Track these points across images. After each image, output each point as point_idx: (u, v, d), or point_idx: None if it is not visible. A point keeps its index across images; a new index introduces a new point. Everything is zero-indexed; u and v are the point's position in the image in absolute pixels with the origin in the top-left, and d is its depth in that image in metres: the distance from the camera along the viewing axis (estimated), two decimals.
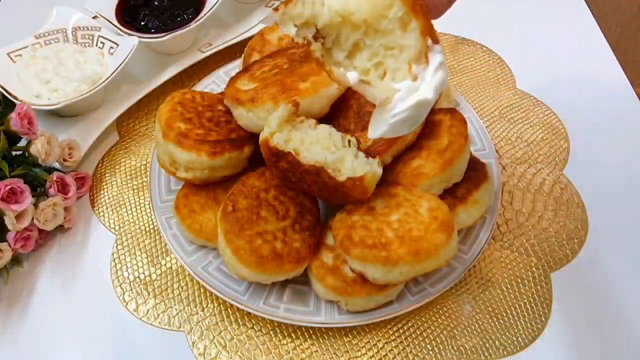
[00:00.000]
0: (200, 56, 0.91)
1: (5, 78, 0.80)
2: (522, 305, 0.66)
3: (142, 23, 0.90)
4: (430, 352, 0.63)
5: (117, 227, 0.75)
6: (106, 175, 0.82)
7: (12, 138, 0.72)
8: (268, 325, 0.66)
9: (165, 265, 0.71)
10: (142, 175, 0.81)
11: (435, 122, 0.68)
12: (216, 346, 0.64)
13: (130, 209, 0.77)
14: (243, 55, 0.83)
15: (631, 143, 0.83)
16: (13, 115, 0.70)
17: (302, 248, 0.60)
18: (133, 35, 0.86)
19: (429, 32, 0.41)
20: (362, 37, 0.43)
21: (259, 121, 0.63)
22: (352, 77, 0.44)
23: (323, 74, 0.48)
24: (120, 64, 0.82)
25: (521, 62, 0.95)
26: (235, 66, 0.86)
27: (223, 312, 0.67)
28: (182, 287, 0.69)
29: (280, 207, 0.62)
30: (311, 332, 0.65)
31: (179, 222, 0.67)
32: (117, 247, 0.73)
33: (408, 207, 0.58)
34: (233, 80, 0.69)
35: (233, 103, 0.65)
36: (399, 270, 0.55)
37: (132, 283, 0.70)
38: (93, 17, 0.90)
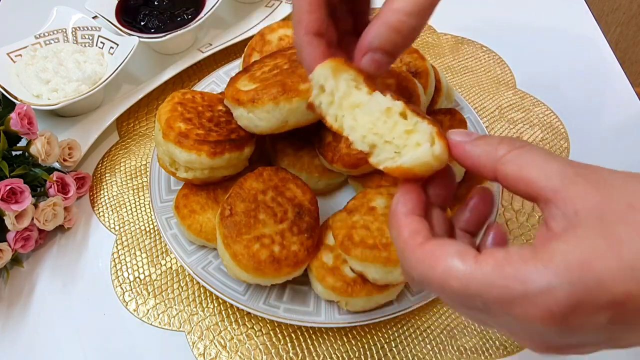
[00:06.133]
0: (200, 56, 0.91)
1: (5, 78, 0.80)
2: None
3: (142, 23, 0.90)
4: (430, 352, 0.63)
5: (117, 227, 0.75)
6: (106, 175, 0.82)
7: (12, 138, 0.72)
8: (268, 325, 0.66)
9: (165, 265, 0.71)
10: (142, 175, 0.81)
11: None
12: (216, 346, 0.64)
13: (130, 209, 0.77)
14: (243, 55, 0.83)
15: (631, 143, 0.83)
16: (13, 115, 0.70)
17: (300, 251, 0.60)
18: (133, 35, 0.86)
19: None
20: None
21: (259, 122, 0.63)
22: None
23: None
24: (120, 64, 0.82)
25: (521, 62, 0.95)
26: (235, 66, 0.86)
27: (223, 312, 0.67)
28: (182, 287, 0.69)
29: (278, 209, 0.62)
30: (311, 332, 0.65)
31: (179, 222, 0.67)
32: (117, 247, 0.73)
33: None
34: (233, 80, 0.69)
35: (233, 103, 0.65)
36: (400, 270, 0.55)
37: (132, 283, 0.70)
38: (93, 17, 0.90)
